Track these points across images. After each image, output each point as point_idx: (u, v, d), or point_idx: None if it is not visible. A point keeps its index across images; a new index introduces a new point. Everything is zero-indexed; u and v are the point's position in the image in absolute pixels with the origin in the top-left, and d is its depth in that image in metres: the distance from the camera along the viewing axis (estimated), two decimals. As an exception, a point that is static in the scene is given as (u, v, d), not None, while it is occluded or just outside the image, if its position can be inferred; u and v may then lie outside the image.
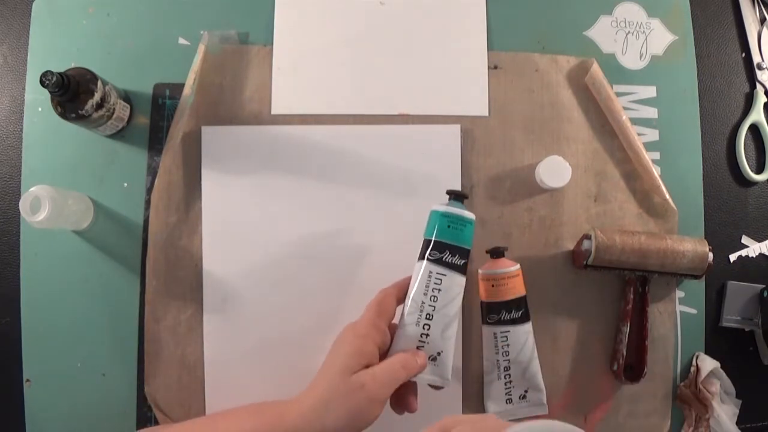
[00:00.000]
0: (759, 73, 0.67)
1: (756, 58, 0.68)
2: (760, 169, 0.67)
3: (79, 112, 0.54)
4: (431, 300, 0.50)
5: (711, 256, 0.58)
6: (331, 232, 0.61)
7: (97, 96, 0.55)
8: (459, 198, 0.53)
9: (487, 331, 0.58)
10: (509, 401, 0.58)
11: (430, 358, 0.50)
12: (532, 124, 0.64)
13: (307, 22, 0.64)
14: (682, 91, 0.66)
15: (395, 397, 0.50)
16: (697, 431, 0.60)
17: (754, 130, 0.67)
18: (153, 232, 0.60)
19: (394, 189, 0.62)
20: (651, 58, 0.66)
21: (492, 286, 0.57)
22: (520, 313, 0.57)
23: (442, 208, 0.52)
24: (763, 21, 0.69)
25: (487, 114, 0.64)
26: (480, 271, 0.58)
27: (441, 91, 0.64)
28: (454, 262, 0.51)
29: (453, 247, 0.51)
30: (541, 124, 0.64)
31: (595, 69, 0.63)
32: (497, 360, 0.58)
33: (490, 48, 0.65)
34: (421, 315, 0.50)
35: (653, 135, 0.65)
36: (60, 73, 0.51)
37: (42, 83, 0.50)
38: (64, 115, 0.54)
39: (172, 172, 0.61)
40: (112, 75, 0.60)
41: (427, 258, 0.51)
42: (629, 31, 0.67)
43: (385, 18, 0.65)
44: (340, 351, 0.48)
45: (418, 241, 0.52)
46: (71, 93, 0.53)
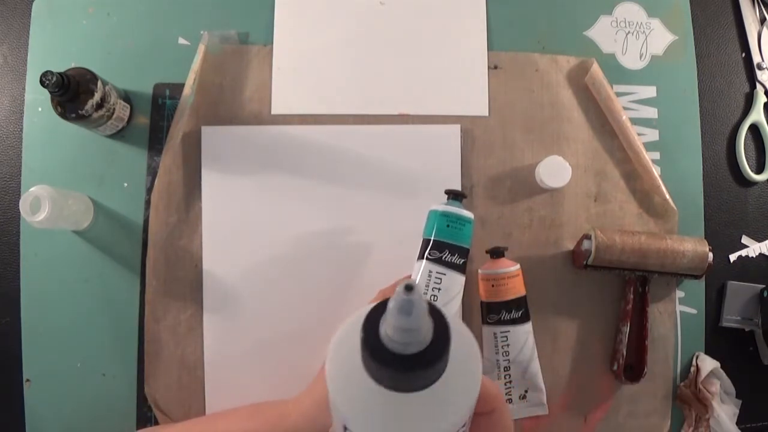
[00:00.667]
0: (759, 73, 0.67)
1: (756, 58, 0.68)
2: (760, 169, 0.67)
3: (79, 112, 0.54)
4: (431, 299, 0.50)
5: (711, 256, 0.58)
6: (330, 231, 0.61)
7: (97, 96, 0.55)
8: (457, 197, 0.53)
9: (487, 331, 0.58)
10: (509, 401, 0.58)
11: None
12: (532, 124, 0.64)
13: (307, 22, 0.64)
14: (682, 91, 0.66)
15: None
16: (697, 431, 0.60)
17: (754, 130, 0.67)
18: (153, 232, 0.60)
19: (394, 189, 0.62)
20: (651, 58, 0.66)
21: (492, 286, 0.57)
22: (520, 313, 0.57)
23: (441, 208, 0.52)
24: (763, 21, 0.69)
25: (487, 114, 0.64)
26: (480, 271, 0.58)
27: (441, 91, 0.64)
28: (453, 261, 0.51)
29: (452, 246, 0.51)
30: (541, 124, 0.64)
31: (595, 69, 0.63)
32: (497, 360, 0.58)
33: (490, 48, 0.65)
34: None
35: (653, 135, 0.65)
36: (60, 73, 0.51)
37: (42, 83, 0.50)
38: (64, 115, 0.54)
39: (172, 172, 0.61)
40: (112, 75, 0.60)
41: (427, 257, 0.51)
42: (629, 31, 0.67)
43: (385, 18, 0.65)
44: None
45: (418, 240, 0.52)
46: (71, 93, 0.53)
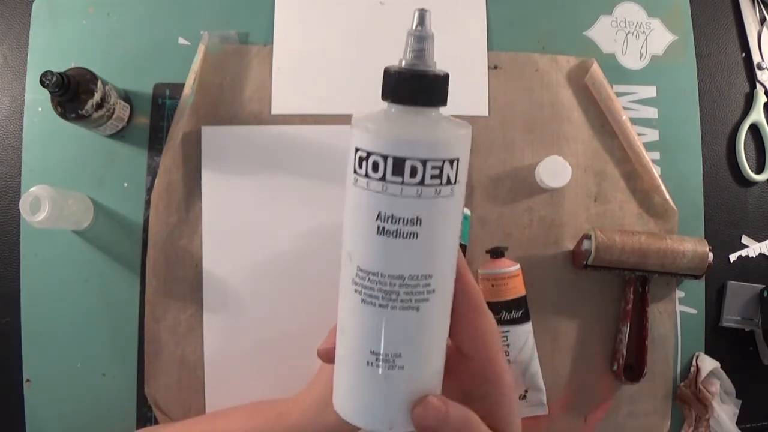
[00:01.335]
0: (759, 73, 0.67)
1: (756, 58, 0.68)
2: (760, 169, 0.67)
3: (79, 112, 0.54)
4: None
5: (711, 256, 0.58)
6: (331, 231, 0.61)
7: (97, 96, 0.55)
8: None
9: (487, 331, 0.58)
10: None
11: None
12: (532, 124, 0.64)
13: (307, 22, 0.64)
14: (682, 91, 0.66)
15: None
16: (697, 431, 0.60)
17: (754, 130, 0.67)
18: (153, 232, 0.60)
19: (394, 189, 0.62)
20: (651, 58, 0.66)
21: (492, 286, 0.57)
22: (520, 313, 0.57)
23: None
24: (763, 21, 0.69)
25: (487, 114, 0.64)
26: (480, 271, 0.58)
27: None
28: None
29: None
30: (541, 124, 0.64)
31: (595, 69, 0.63)
32: (497, 360, 0.57)
33: (490, 48, 0.65)
34: None
35: (653, 135, 0.65)
36: (60, 73, 0.51)
37: (42, 83, 0.50)
38: (64, 115, 0.54)
39: (172, 172, 0.61)
40: (112, 75, 0.60)
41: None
42: (629, 31, 0.67)
43: (385, 18, 0.65)
44: None
45: (418, 241, 0.52)
46: (71, 93, 0.53)
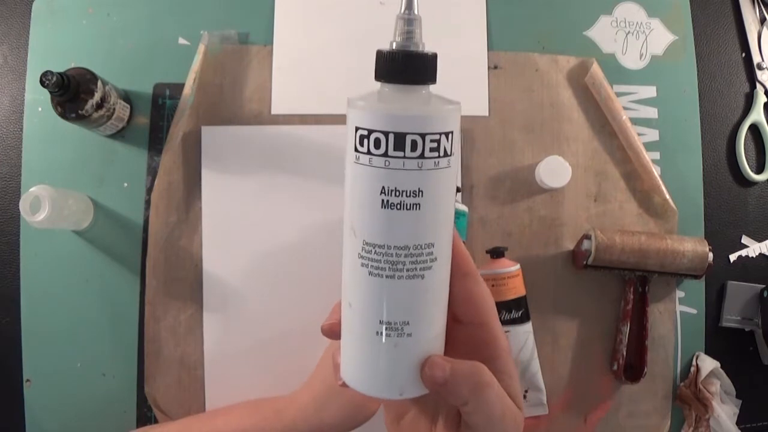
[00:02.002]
0: (759, 73, 0.67)
1: (756, 58, 0.68)
2: (760, 169, 0.67)
3: (79, 112, 0.54)
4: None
5: (711, 256, 0.58)
6: (330, 231, 0.61)
7: (97, 96, 0.55)
8: None
9: (487, 331, 0.58)
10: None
11: None
12: (532, 124, 0.64)
13: (307, 22, 0.64)
14: (682, 91, 0.66)
15: None
16: (697, 431, 0.60)
17: (754, 130, 0.67)
18: (153, 232, 0.60)
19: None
20: (651, 58, 0.66)
21: (492, 286, 0.57)
22: (520, 313, 0.57)
23: None
24: (763, 21, 0.69)
25: (487, 114, 0.64)
26: (480, 271, 0.58)
27: (441, 91, 0.63)
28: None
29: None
30: (541, 124, 0.64)
31: (595, 69, 0.63)
32: (497, 360, 0.58)
33: (490, 48, 0.65)
34: None
35: (653, 135, 0.65)
36: (60, 73, 0.51)
37: (42, 83, 0.50)
38: (64, 115, 0.54)
39: (172, 172, 0.61)
40: (112, 75, 0.60)
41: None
42: (629, 31, 0.67)
43: (385, 18, 0.64)
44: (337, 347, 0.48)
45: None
46: (71, 93, 0.53)
